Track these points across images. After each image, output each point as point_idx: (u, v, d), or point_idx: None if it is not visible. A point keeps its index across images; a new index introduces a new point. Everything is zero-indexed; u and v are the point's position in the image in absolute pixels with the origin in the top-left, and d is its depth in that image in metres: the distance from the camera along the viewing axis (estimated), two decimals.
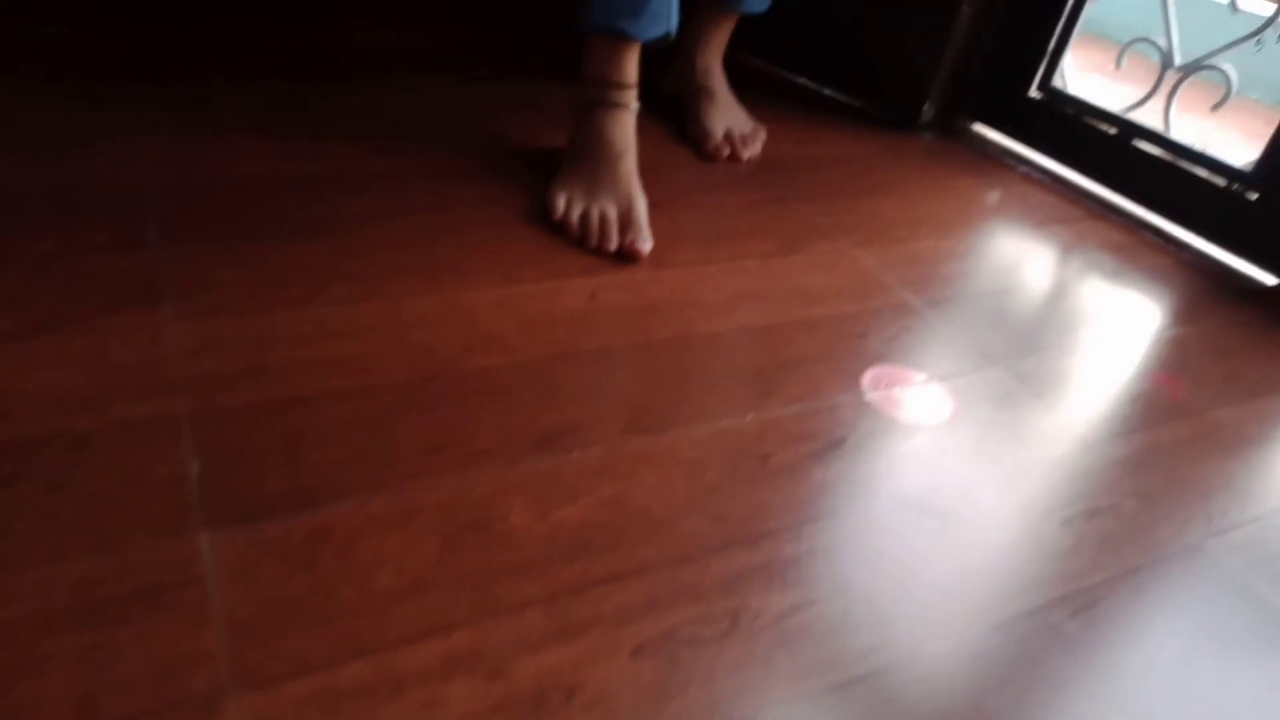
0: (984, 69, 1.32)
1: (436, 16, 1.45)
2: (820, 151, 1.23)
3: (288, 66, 1.14)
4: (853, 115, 1.36)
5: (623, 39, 0.95)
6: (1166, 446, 0.76)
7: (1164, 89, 1.18)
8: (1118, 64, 1.23)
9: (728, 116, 1.18)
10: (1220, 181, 1.12)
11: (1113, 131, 1.22)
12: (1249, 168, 1.10)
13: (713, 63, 1.21)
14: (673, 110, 1.21)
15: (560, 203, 0.91)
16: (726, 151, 1.14)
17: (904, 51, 1.32)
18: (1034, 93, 1.30)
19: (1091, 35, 1.71)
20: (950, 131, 1.37)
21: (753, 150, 1.16)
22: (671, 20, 0.97)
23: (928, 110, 1.33)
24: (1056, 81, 1.28)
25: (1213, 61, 1.14)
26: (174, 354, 0.64)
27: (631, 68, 0.97)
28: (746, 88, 1.24)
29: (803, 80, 1.45)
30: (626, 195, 0.92)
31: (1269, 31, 1.08)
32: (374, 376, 0.66)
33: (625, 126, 0.97)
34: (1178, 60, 1.17)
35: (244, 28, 1.24)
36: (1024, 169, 1.29)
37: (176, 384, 0.62)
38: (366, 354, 0.68)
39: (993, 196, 1.19)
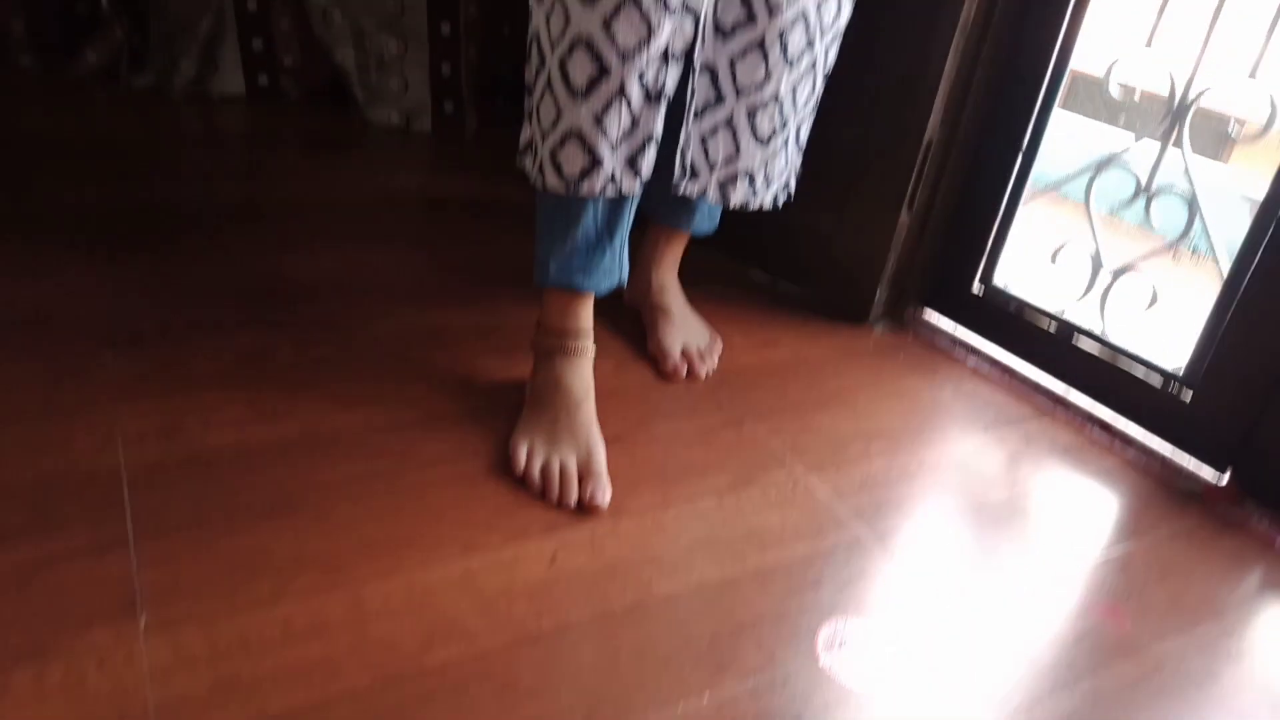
0: (929, 267, 1.40)
1: (397, 235, 1.52)
2: (775, 358, 1.28)
3: (258, 309, 1.19)
4: (807, 309, 1.43)
5: (577, 293, 1.01)
6: (1110, 694, 0.79)
7: (1097, 289, 1.25)
8: (1053, 260, 1.30)
9: (684, 333, 1.24)
10: (1156, 381, 1.18)
11: (1052, 329, 1.29)
12: (1181, 370, 1.16)
13: (667, 279, 1.28)
14: (632, 319, 1.28)
15: (522, 455, 0.95)
16: (685, 370, 1.19)
17: (851, 251, 1.39)
18: (976, 288, 1.37)
19: (1039, 190, 1.78)
20: (901, 321, 1.43)
21: (709, 365, 1.22)
22: (623, 272, 1.03)
23: (877, 305, 1.40)
24: (998, 279, 1.36)
25: (1137, 267, 1.21)
26: (147, 675, 0.67)
27: (586, 316, 1.03)
28: (704, 283, 1.30)
29: (757, 272, 1.52)
30: (586, 444, 0.96)
31: (1183, 243, 1.16)
32: (338, 683, 0.69)
33: (583, 372, 1.02)
34: (1106, 265, 1.24)
35: (215, 262, 1.30)
36: (973, 361, 1.35)
37: (149, 711, 0.64)
38: (330, 657, 0.71)
39: (944, 395, 1.25)
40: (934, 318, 1.45)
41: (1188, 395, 1.15)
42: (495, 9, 1.97)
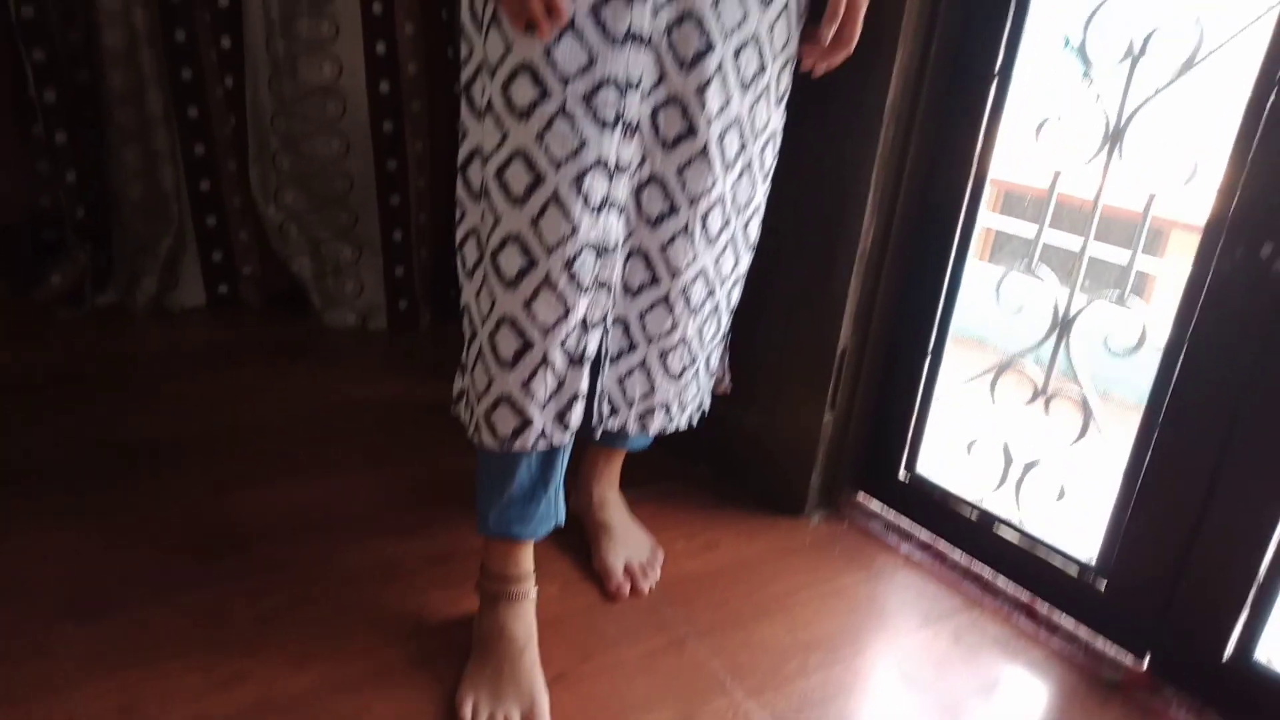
0: (857, 456, 1.48)
1: (353, 453, 1.58)
2: (716, 562, 1.34)
3: (214, 557, 1.23)
4: (746, 501, 1.50)
5: (516, 541, 1.08)
6: None
7: (1010, 481, 1.34)
8: (968, 451, 1.39)
9: (626, 547, 1.30)
10: (1073, 570, 1.25)
11: (974, 517, 1.36)
12: (1094, 559, 1.23)
13: (608, 493, 1.34)
14: (577, 529, 1.33)
15: (467, 712, 0.99)
16: (628, 588, 1.25)
17: (783, 447, 1.47)
18: (903, 475, 1.45)
19: (964, 340, 1.88)
20: (836, 508, 1.50)
21: (652, 579, 1.27)
22: (559, 516, 1.10)
23: (812, 495, 1.47)
24: (922, 467, 1.44)
25: (1045, 462, 1.30)
26: None
27: (526, 561, 1.09)
28: (647, 481, 1.38)
29: (697, 466, 1.59)
30: (529, 694, 1.01)
31: (1081, 441, 1.25)
32: None
33: (525, 617, 1.08)
34: (1016, 458, 1.33)
35: (172, 505, 1.35)
36: (906, 547, 1.42)
37: None
38: None
39: (878, 590, 1.31)
40: (869, 501, 1.52)
41: (1102, 584, 1.22)
42: (445, 216, 2.09)
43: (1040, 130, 1.20)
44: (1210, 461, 1.09)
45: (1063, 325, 1.24)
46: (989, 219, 2.67)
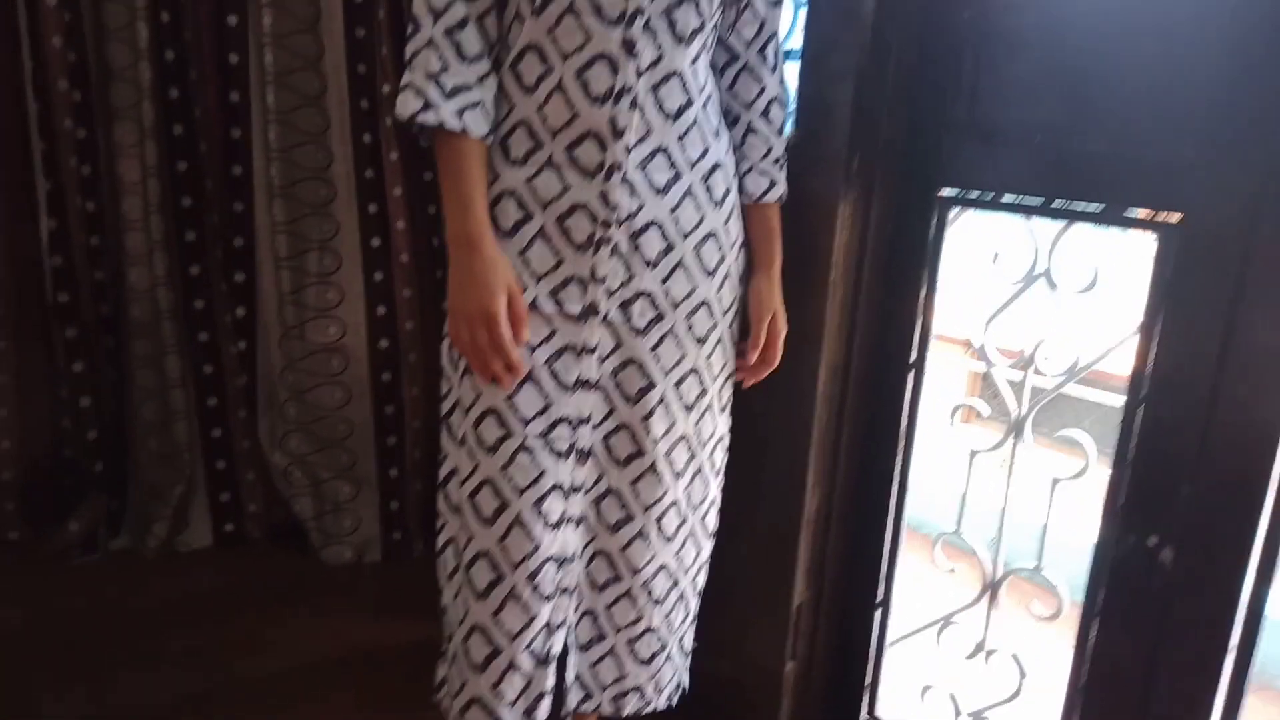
0: (823, 701, 1.56)
1: (343, 707, 1.66)
2: None
3: None
4: None
5: None
6: None
7: None
8: (921, 697, 1.47)
9: None
10: None
11: None
12: None
13: None
14: None
15: None
16: None
17: (752, 694, 1.56)
18: (864, 719, 1.53)
19: (916, 534, 1.93)
20: None
21: None
22: None
23: None
24: (882, 712, 1.52)
25: (989, 715, 1.38)
26: None
27: None
28: None
29: (674, 715, 1.67)
30: None
31: (1016, 699, 1.34)
32: None
33: None
34: (963, 709, 1.41)
35: None
36: None
37: None
38: None
39: None
40: None
41: None
42: (437, 452, 2.24)
43: (954, 415, 1.36)
44: None
45: (992, 589, 1.35)
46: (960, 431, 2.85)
